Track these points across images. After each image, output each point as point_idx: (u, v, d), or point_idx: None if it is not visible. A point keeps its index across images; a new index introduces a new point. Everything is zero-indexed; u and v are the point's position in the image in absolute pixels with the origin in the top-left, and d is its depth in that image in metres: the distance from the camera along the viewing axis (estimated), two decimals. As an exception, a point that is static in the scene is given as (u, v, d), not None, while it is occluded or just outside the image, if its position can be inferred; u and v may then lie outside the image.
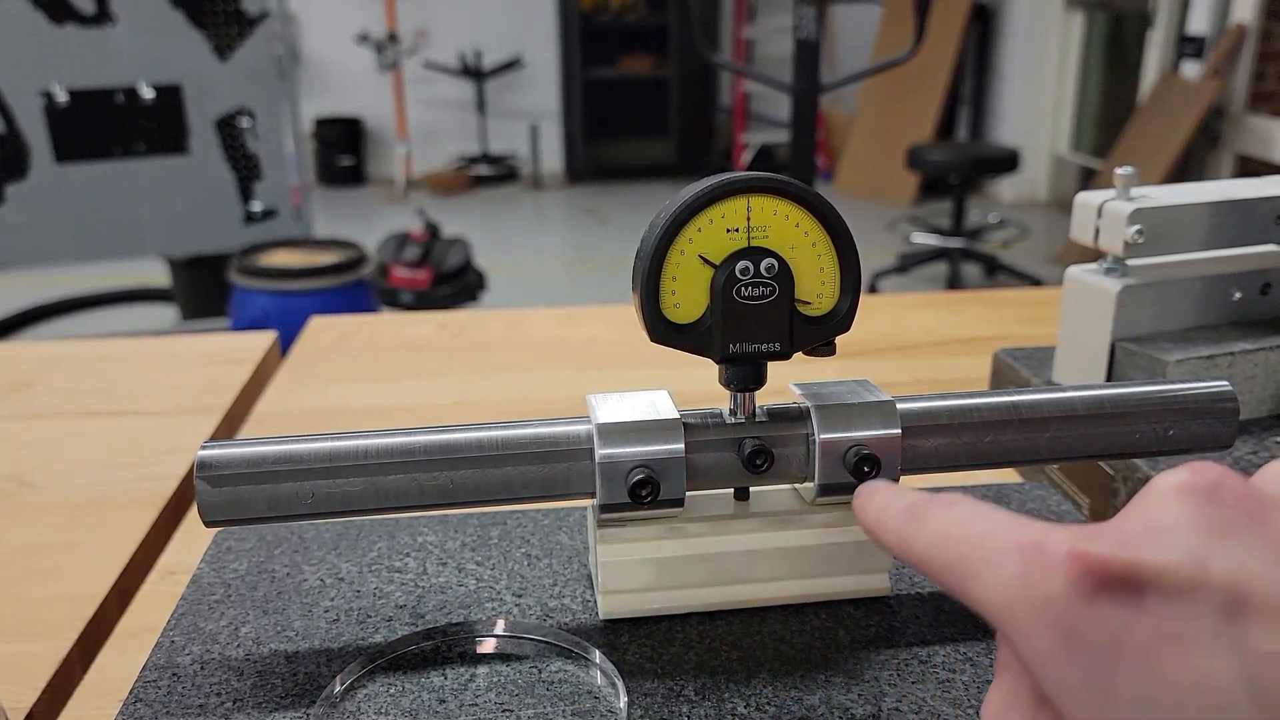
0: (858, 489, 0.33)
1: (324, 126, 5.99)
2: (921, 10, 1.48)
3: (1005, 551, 0.24)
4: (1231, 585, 0.21)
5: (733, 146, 6.30)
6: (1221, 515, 0.22)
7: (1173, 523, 0.22)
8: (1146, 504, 0.23)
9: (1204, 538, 0.22)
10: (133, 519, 0.60)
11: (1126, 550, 0.22)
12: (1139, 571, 0.22)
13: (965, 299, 1.03)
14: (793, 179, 0.36)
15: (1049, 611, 0.23)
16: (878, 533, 0.31)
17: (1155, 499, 0.23)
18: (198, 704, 0.36)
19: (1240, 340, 0.57)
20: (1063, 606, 0.22)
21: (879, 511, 0.31)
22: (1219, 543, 0.21)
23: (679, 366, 0.51)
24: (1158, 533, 0.22)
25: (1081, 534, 0.23)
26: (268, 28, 2.62)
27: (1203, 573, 0.21)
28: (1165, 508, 0.23)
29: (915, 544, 0.28)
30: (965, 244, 4.18)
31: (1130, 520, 0.23)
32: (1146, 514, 0.23)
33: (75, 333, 3.08)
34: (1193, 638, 0.21)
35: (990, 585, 0.24)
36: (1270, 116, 3.88)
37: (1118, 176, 0.56)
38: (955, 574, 0.26)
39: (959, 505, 0.27)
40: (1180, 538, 0.22)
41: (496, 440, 0.37)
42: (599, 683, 0.37)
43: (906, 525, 0.29)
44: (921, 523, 0.28)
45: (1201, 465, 0.23)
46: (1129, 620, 0.21)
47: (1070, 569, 0.22)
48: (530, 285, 4.25)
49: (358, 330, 0.95)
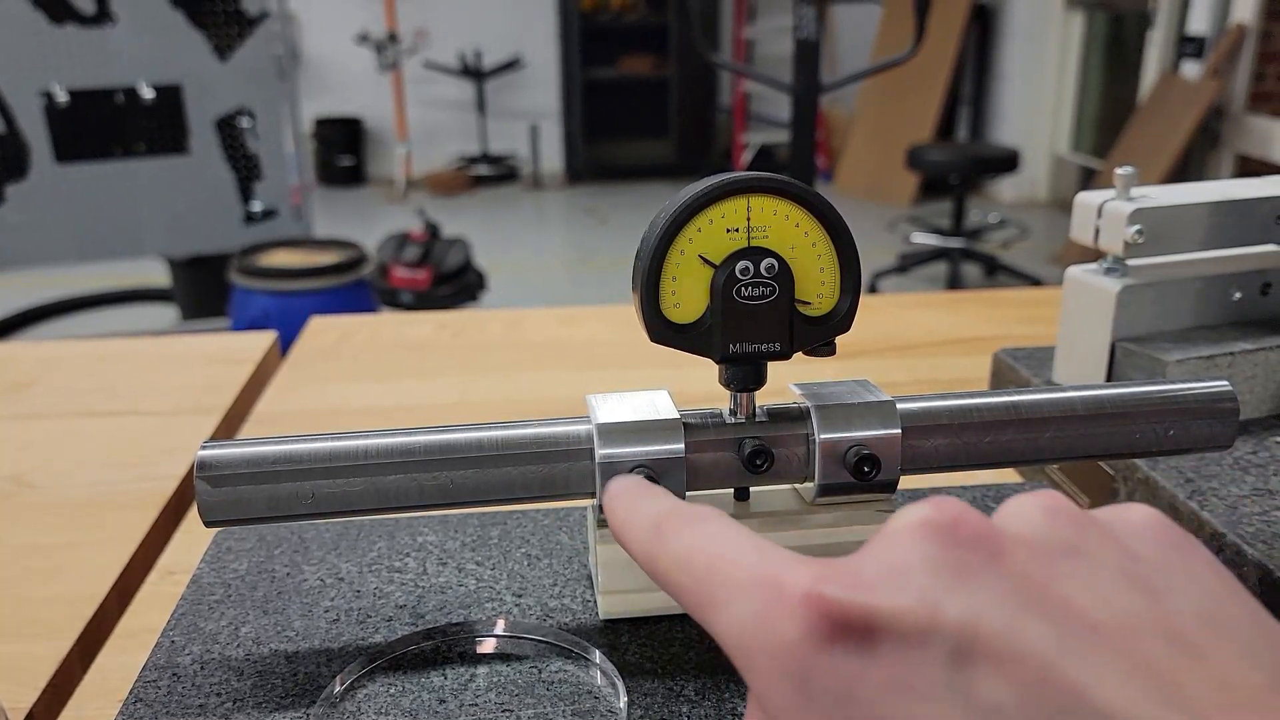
0: (607, 484, 0.31)
1: (324, 126, 5.99)
2: (921, 10, 1.48)
3: (744, 585, 0.23)
4: (962, 630, 0.20)
5: (733, 146, 6.30)
6: (959, 556, 0.21)
7: (909, 562, 0.21)
8: (886, 541, 0.22)
9: (939, 579, 0.21)
10: (133, 519, 0.60)
11: (861, 593, 0.21)
12: (872, 616, 0.20)
13: (965, 299, 1.03)
14: (793, 179, 0.36)
15: (783, 656, 0.21)
16: (624, 541, 0.29)
17: (894, 536, 0.22)
18: (198, 704, 0.36)
19: (1240, 340, 0.57)
20: (797, 652, 0.21)
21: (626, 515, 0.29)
22: (954, 585, 0.20)
23: (679, 366, 0.51)
24: (894, 573, 0.21)
25: (821, 573, 0.22)
26: (268, 28, 2.62)
27: (935, 617, 0.20)
28: (903, 546, 0.22)
29: (659, 561, 0.26)
30: (965, 244, 4.18)
31: (869, 559, 0.22)
32: (886, 553, 0.22)
33: (75, 333, 3.08)
34: (922, 687, 0.20)
35: (728, 620, 0.23)
36: (1270, 116, 3.88)
37: (1118, 176, 0.56)
38: (694, 601, 0.24)
39: (706, 523, 0.26)
40: (915, 579, 0.21)
41: (496, 440, 0.37)
42: (599, 683, 0.37)
43: (651, 540, 0.27)
44: (666, 538, 0.26)
45: (942, 501, 0.22)
46: (862, 668, 0.20)
47: (806, 613, 0.21)
48: (530, 285, 4.25)
49: (358, 330, 0.95)
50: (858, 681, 0.20)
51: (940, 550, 0.21)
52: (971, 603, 0.20)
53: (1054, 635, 0.19)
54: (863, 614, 0.21)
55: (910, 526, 0.22)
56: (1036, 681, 0.19)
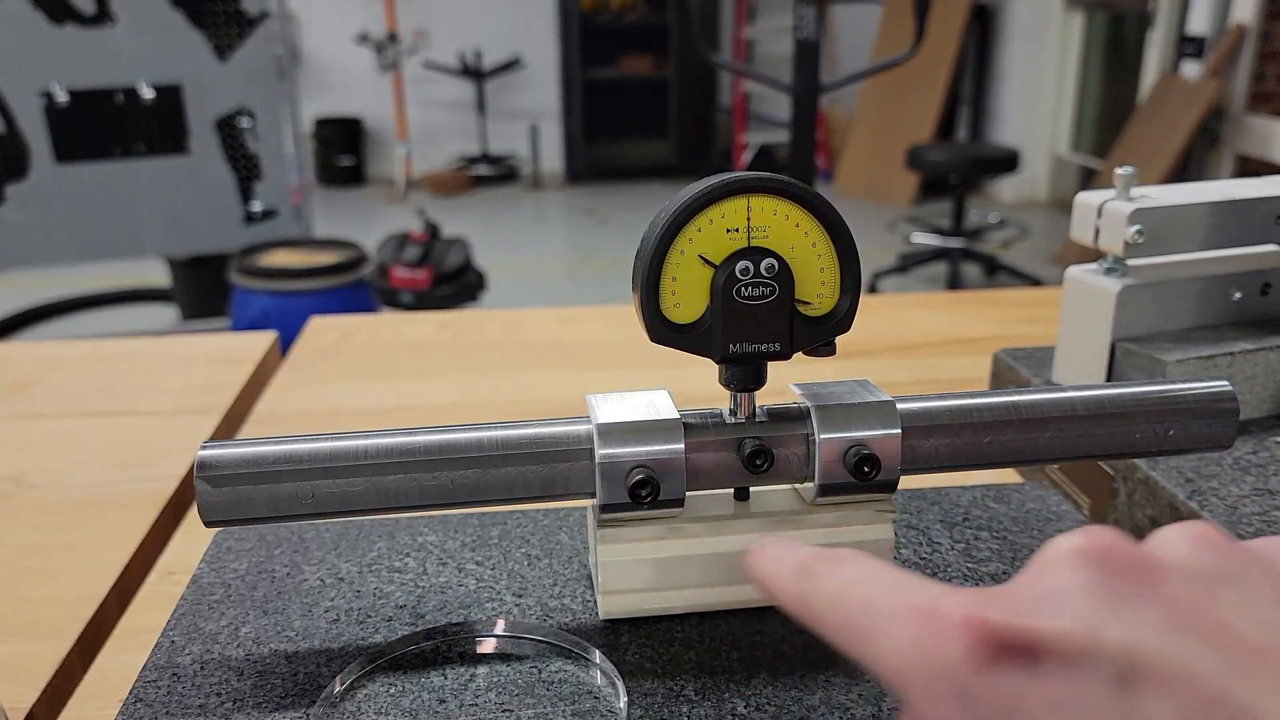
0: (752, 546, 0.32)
1: (324, 126, 5.99)
2: (921, 10, 1.47)
3: (900, 615, 0.24)
4: (1124, 653, 0.20)
5: (733, 146, 6.30)
6: (1114, 583, 0.22)
7: (1067, 588, 0.22)
8: (1041, 568, 0.23)
9: (1097, 604, 0.22)
10: (132, 519, 0.60)
11: (1021, 616, 0.22)
12: (1034, 638, 0.21)
13: (965, 299, 1.03)
14: (793, 179, 0.36)
15: (945, 678, 0.22)
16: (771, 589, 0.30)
17: (1049, 564, 0.23)
18: (198, 704, 0.36)
19: (1240, 340, 0.57)
20: (958, 673, 0.22)
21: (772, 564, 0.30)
22: (1112, 610, 0.21)
23: (679, 366, 0.51)
24: (1052, 598, 0.22)
25: (977, 599, 0.23)
26: (268, 28, 2.62)
27: (1096, 640, 0.21)
28: (1059, 573, 0.23)
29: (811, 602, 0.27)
30: (965, 244, 4.18)
31: (1025, 585, 0.23)
32: (1041, 579, 0.23)
33: (75, 333, 3.08)
34: (1087, 706, 0.20)
35: (886, 649, 0.24)
36: (1270, 116, 3.88)
37: (1118, 176, 0.56)
38: (850, 635, 0.26)
39: (854, 564, 0.27)
40: (1075, 604, 0.22)
41: (496, 440, 0.37)
42: (599, 683, 0.37)
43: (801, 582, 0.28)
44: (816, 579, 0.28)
45: (1096, 530, 0.23)
46: (1024, 688, 0.21)
47: (966, 635, 0.22)
48: (530, 285, 4.25)
49: (358, 330, 0.95)
50: (1021, 700, 0.21)
51: (1096, 577, 0.22)
52: (1132, 627, 0.21)
53: (1217, 658, 0.20)
54: (1024, 636, 0.22)
55: (1065, 554, 0.23)
56: (1206, 704, 0.19)
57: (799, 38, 1.56)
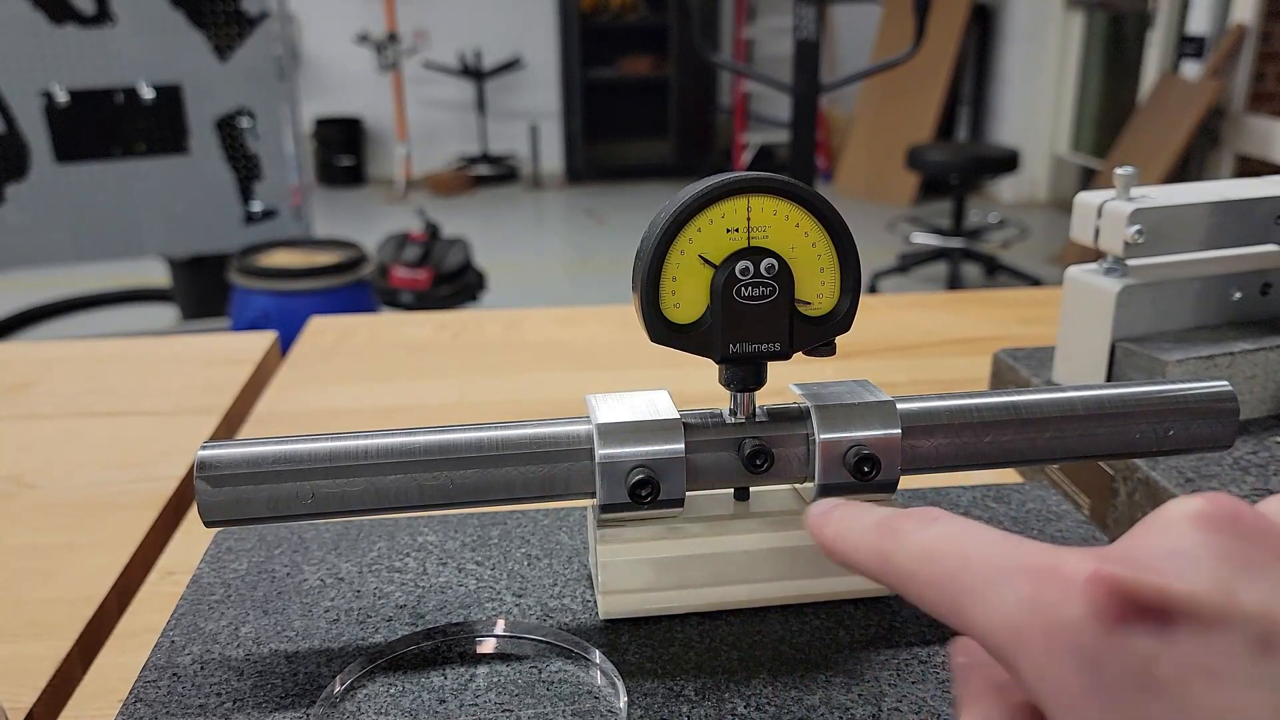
0: (809, 507, 0.31)
1: (324, 126, 5.99)
2: (921, 10, 1.47)
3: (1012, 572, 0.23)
4: (1264, 617, 0.20)
5: (733, 146, 6.30)
6: (1243, 547, 0.21)
7: (1195, 550, 0.21)
8: (1160, 530, 0.22)
9: (1229, 568, 0.21)
10: (132, 520, 0.60)
11: (1153, 576, 0.21)
12: (1168, 599, 0.20)
13: (965, 299, 1.03)
14: (793, 179, 0.36)
15: (1068, 638, 0.21)
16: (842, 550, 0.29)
17: (1168, 526, 0.22)
18: (198, 704, 0.36)
19: (1240, 340, 0.57)
20: (1084, 633, 0.21)
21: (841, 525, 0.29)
22: (1244, 574, 0.21)
23: (679, 366, 0.51)
24: (1181, 559, 0.21)
25: (1103, 554, 0.22)
26: (268, 28, 2.62)
27: (1233, 603, 0.20)
28: (1182, 535, 0.22)
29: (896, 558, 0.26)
30: (965, 244, 4.18)
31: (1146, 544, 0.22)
32: (1163, 540, 0.22)
33: (75, 333, 3.08)
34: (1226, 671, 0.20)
35: (992, 607, 0.23)
36: (1270, 116, 3.88)
37: (1118, 176, 0.56)
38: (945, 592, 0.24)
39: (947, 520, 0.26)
40: (1205, 567, 0.21)
41: (496, 440, 0.37)
42: (599, 683, 0.37)
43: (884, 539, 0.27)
44: (902, 536, 0.26)
45: (1217, 495, 0.22)
46: (1158, 650, 0.20)
47: (1093, 593, 0.21)
48: (530, 286, 4.25)
49: (358, 330, 0.95)
50: (1154, 662, 0.20)
51: (1225, 540, 0.21)
52: (1268, 591, 0.20)
53: None
54: (1157, 595, 0.21)
55: (1187, 516, 0.22)
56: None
57: (799, 38, 1.56)
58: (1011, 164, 4.09)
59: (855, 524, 0.29)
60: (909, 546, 0.26)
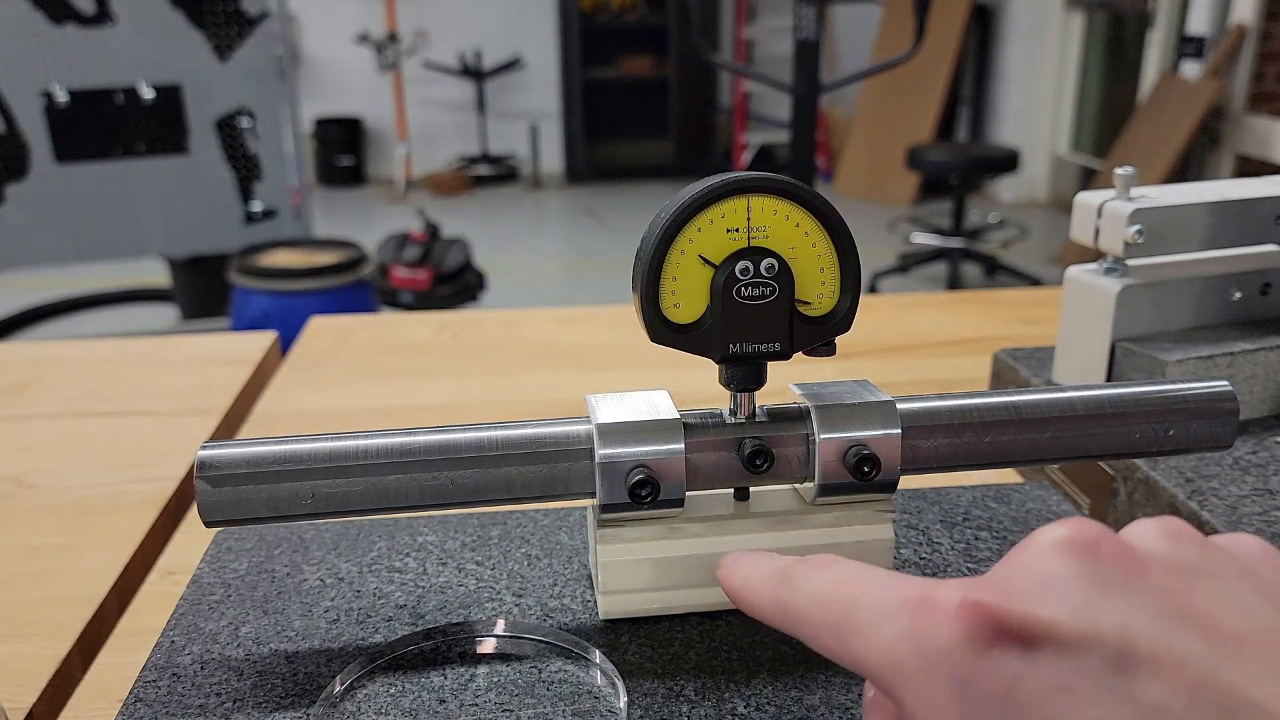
0: (722, 558, 0.33)
1: (324, 126, 5.99)
2: (921, 10, 1.48)
3: (890, 607, 0.24)
4: (1119, 639, 0.21)
5: (733, 146, 6.30)
6: (1104, 571, 0.22)
7: (1059, 576, 0.23)
8: (1029, 557, 0.23)
9: (1091, 592, 0.22)
10: (132, 520, 0.60)
11: (1017, 602, 0.22)
12: (1032, 623, 0.22)
13: (965, 299, 1.03)
14: (793, 179, 0.36)
15: (941, 664, 0.23)
16: (747, 598, 0.30)
17: (1036, 553, 0.23)
18: (198, 704, 0.36)
19: (1240, 340, 0.57)
20: (956, 659, 0.22)
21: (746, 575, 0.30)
22: (1104, 598, 0.22)
23: (679, 366, 0.51)
24: (1045, 585, 0.22)
25: (972, 584, 0.23)
26: (268, 28, 2.62)
27: (1092, 626, 0.21)
28: (1048, 561, 0.23)
29: (791, 604, 0.28)
30: (965, 244, 4.18)
31: (1013, 573, 0.23)
32: (1030, 566, 0.23)
33: (75, 333, 3.08)
34: (1084, 689, 0.21)
35: (875, 641, 0.24)
36: (1270, 116, 3.88)
37: (1118, 176, 0.56)
38: (836, 634, 0.26)
39: (835, 565, 0.27)
40: (1068, 591, 0.22)
41: (496, 440, 0.37)
42: (599, 683, 0.37)
43: (780, 587, 0.28)
44: (796, 583, 0.28)
45: (1081, 521, 0.24)
46: (1021, 671, 0.22)
47: (963, 620, 0.22)
48: (530, 286, 4.25)
49: (357, 331, 0.95)
50: (1018, 683, 0.22)
51: (1086, 565, 0.23)
52: (1124, 613, 0.21)
53: (1204, 644, 0.21)
54: (1021, 620, 0.22)
55: (1053, 543, 0.23)
56: (1197, 686, 0.20)
57: (799, 38, 1.56)
58: (1011, 164, 4.09)
59: (757, 573, 0.30)
60: (802, 593, 0.27)
